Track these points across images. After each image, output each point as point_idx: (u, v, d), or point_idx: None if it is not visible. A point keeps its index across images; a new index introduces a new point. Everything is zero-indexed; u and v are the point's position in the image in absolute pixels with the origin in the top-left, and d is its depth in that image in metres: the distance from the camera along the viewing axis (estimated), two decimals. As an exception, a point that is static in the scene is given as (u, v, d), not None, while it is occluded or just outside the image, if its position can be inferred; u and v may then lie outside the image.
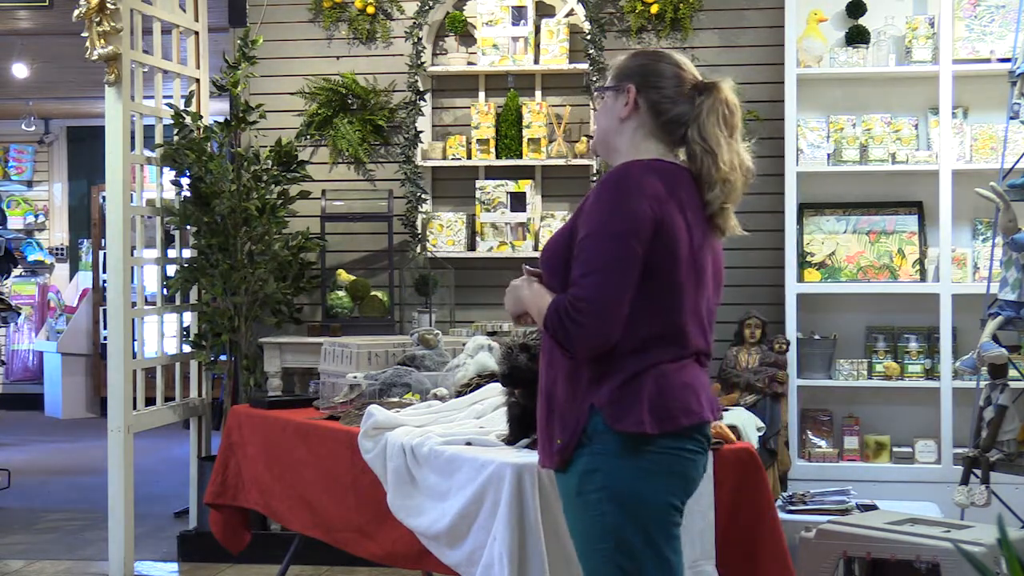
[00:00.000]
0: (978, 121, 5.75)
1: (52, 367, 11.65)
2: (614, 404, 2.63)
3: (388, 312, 5.99)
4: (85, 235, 12.29)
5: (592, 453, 2.65)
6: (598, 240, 2.62)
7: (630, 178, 2.67)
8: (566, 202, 6.11)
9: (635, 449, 2.63)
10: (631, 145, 2.79)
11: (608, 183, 2.68)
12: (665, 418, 2.64)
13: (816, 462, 5.68)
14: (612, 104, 2.81)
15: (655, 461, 2.64)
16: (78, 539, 6.43)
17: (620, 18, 6.04)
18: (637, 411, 2.62)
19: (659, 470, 2.64)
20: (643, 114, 2.78)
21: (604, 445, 2.64)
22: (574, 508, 2.72)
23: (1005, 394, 4.84)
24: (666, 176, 2.70)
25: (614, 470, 2.63)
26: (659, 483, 2.65)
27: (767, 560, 3.68)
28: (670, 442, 2.65)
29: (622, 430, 2.62)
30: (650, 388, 2.64)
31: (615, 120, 2.81)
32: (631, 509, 2.63)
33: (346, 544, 4.12)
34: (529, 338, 3.45)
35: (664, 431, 2.63)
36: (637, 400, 2.63)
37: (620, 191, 2.64)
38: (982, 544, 3.79)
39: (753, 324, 5.59)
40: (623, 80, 2.80)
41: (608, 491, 2.63)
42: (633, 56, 2.85)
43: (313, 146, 6.31)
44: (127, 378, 5.46)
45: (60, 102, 11.21)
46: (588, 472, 2.65)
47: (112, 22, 5.35)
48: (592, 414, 2.65)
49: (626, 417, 2.62)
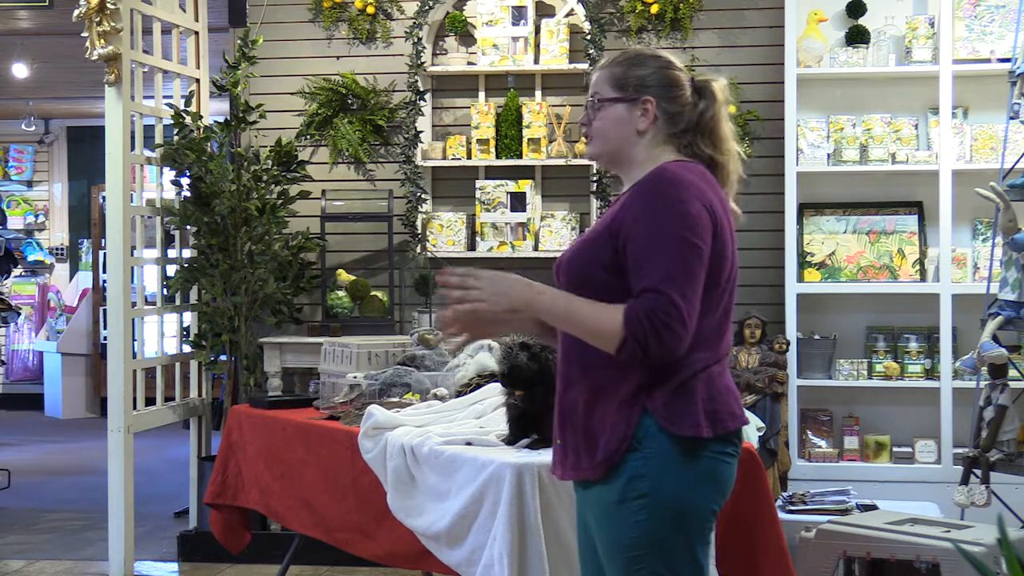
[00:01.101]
0: (978, 121, 5.74)
1: (52, 367, 11.65)
2: (669, 407, 2.57)
3: (388, 312, 5.99)
4: (85, 235, 12.29)
5: (643, 458, 2.58)
6: (665, 244, 2.54)
7: (678, 179, 2.60)
8: (566, 202, 6.11)
9: (688, 453, 2.57)
10: (648, 156, 2.71)
11: (653, 187, 2.60)
12: (716, 422, 2.60)
13: (816, 462, 5.68)
14: (626, 115, 2.71)
15: (704, 467, 2.59)
16: (78, 539, 6.43)
17: (620, 18, 6.04)
18: (694, 414, 2.57)
19: (706, 476, 2.60)
20: (659, 124, 2.71)
21: (655, 449, 2.57)
22: (613, 516, 2.62)
23: (1005, 394, 4.84)
24: (702, 176, 2.66)
25: (664, 475, 2.57)
26: (705, 489, 2.60)
27: (767, 560, 3.68)
28: (718, 446, 2.61)
29: (678, 433, 2.56)
30: (702, 392, 2.59)
31: (630, 132, 2.71)
32: (676, 515, 2.57)
33: (346, 544, 4.12)
34: (528, 337, 3.45)
35: (716, 435, 2.60)
36: (692, 403, 2.58)
37: (673, 193, 2.57)
38: (982, 544, 3.79)
39: (753, 324, 5.59)
40: (641, 91, 2.71)
41: (654, 497, 2.56)
42: (641, 61, 2.74)
43: (313, 146, 6.31)
44: (127, 378, 5.46)
45: (60, 102, 11.21)
46: (635, 478, 2.58)
47: (112, 22, 5.35)
48: (643, 417, 2.58)
49: (683, 420, 2.57)
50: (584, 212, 6.05)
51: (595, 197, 5.87)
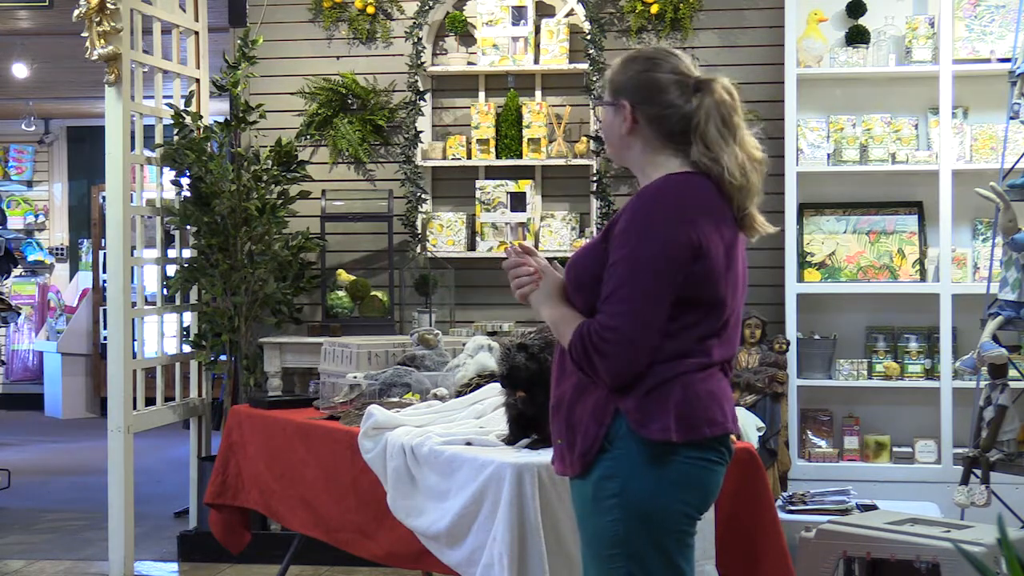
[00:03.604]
0: (978, 121, 5.74)
1: (52, 367, 11.65)
2: (640, 410, 2.57)
3: (388, 312, 5.99)
4: (85, 235, 12.29)
5: (612, 458, 2.59)
6: (631, 269, 2.54)
7: (666, 199, 2.58)
8: (566, 202, 6.11)
9: (656, 457, 2.57)
10: (646, 161, 2.70)
11: (644, 203, 2.59)
12: (690, 427, 2.58)
13: (816, 462, 5.68)
14: (612, 120, 2.72)
15: (675, 471, 2.58)
16: (78, 539, 6.43)
17: (620, 18, 6.04)
18: (664, 418, 2.57)
19: (678, 480, 2.58)
20: (644, 128, 2.68)
21: (625, 450, 2.58)
22: (588, 514, 2.65)
23: (1005, 394, 4.84)
24: (699, 192, 2.62)
25: (632, 477, 2.58)
26: (676, 493, 2.59)
27: (767, 560, 3.68)
28: (692, 452, 2.59)
29: (647, 436, 2.56)
30: (677, 396, 2.58)
31: (617, 137, 2.72)
32: (644, 518, 2.57)
33: (346, 544, 4.12)
34: (527, 338, 3.45)
35: (688, 440, 2.58)
36: (664, 407, 2.57)
37: (657, 214, 2.56)
38: (982, 544, 3.79)
39: (753, 324, 5.59)
40: (618, 96, 2.70)
41: (623, 498, 2.57)
42: (627, 64, 2.73)
43: (313, 146, 6.31)
44: (127, 378, 5.46)
45: (60, 102, 11.21)
46: (605, 478, 2.60)
47: (112, 22, 5.35)
48: (616, 418, 2.59)
49: (652, 423, 2.57)
50: (584, 212, 6.05)
51: (595, 197, 5.87)
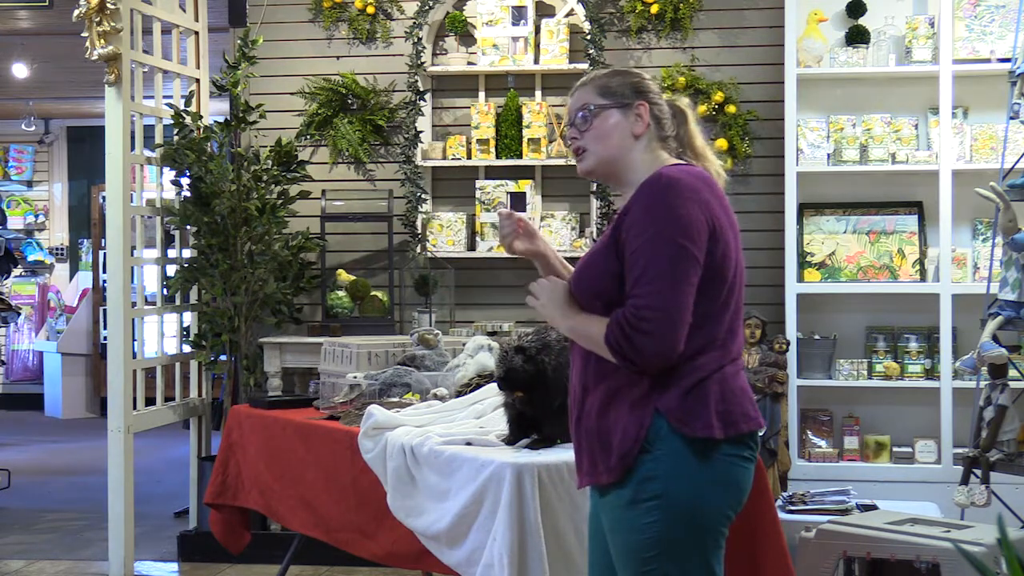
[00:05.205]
0: (978, 121, 5.74)
1: (52, 367, 11.66)
2: (681, 408, 2.57)
3: (388, 312, 5.99)
4: (85, 235, 12.29)
5: (654, 459, 2.58)
6: (656, 247, 2.55)
7: (676, 184, 2.61)
8: (566, 202, 6.11)
9: (699, 455, 2.57)
10: (646, 161, 2.74)
11: (652, 191, 2.61)
12: (729, 423, 2.60)
13: (816, 462, 5.68)
14: (622, 120, 2.75)
15: (716, 469, 2.59)
16: (78, 539, 6.43)
17: (620, 18, 6.04)
18: (706, 416, 2.57)
19: (719, 479, 2.59)
20: (651, 128, 2.76)
21: (666, 450, 2.57)
22: (626, 518, 2.62)
23: (1005, 394, 4.84)
24: (701, 178, 2.67)
25: (675, 477, 2.56)
26: (718, 492, 2.60)
27: (767, 560, 3.68)
28: (731, 449, 2.61)
29: (690, 434, 2.56)
30: (716, 393, 2.59)
31: (628, 138, 2.75)
32: (688, 517, 2.57)
33: (346, 544, 4.12)
34: (524, 340, 3.45)
35: (729, 436, 2.59)
36: (705, 404, 2.58)
37: (673, 196, 2.58)
38: (982, 544, 3.79)
39: (753, 324, 5.59)
40: (631, 97, 2.76)
41: (665, 499, 2.56)
42: (617, 74, 2.82)
43: (313, 146, 6.31)
44: (127, 378, 5.46)
45: (60, 102, 11.21)
46: (647, 479, 2.58)
47: (112, 22, 5.35)
48: (656, 418, 2.59)
49: (695, 421, 2.57)
50: (584, 212, 6.05)
51: (595, 197, 5.87)
